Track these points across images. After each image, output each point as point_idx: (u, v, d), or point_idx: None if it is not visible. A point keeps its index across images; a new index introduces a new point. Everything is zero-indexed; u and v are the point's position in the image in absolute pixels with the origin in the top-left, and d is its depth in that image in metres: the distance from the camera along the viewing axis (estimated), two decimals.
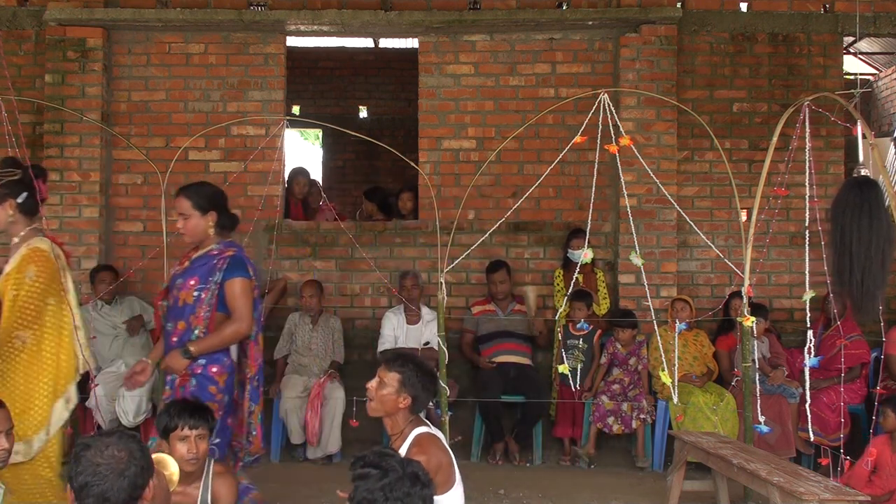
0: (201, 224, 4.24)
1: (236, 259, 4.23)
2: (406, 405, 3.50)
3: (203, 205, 4.25)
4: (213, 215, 4.26)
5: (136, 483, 2.35)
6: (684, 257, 7.14)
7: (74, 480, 2.33)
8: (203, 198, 4.27)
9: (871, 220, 4.19)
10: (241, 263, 4.23)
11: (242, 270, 4.22)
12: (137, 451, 2.39)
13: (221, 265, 4.18)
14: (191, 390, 4.10)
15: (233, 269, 4.18)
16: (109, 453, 2.34)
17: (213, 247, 4.27)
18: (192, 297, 4.16)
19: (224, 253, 4.24)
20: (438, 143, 7.28)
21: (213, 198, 4.31)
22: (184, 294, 4.17)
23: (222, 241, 4.32)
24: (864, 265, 4.18)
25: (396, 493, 2.50)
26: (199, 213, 4.24)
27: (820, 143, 7.07)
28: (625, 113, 6.86)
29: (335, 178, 11.37)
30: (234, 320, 4.17)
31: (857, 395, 6.33)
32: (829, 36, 7.25)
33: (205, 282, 4.16)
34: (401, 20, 7.03)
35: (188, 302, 4.16)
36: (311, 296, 6.74)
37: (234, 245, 4.33)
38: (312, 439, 6.33)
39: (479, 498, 5.57)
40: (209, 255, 4.24)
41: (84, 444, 2.38)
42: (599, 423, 6.40)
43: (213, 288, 4.16)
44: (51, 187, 6.89)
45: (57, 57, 7.02)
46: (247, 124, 7.15)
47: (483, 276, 7.05)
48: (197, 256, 4.27)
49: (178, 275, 4.27)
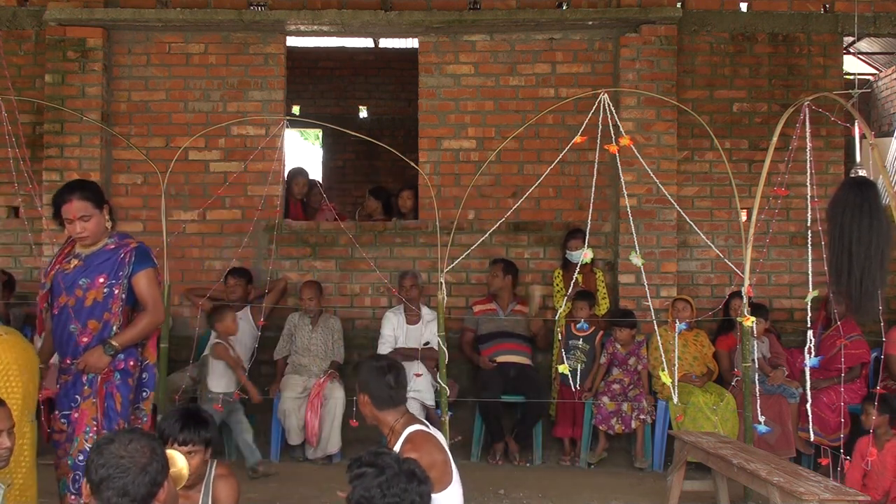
0: (101, 221, 4.18)
1: (141, 250, 4.22)
2: (368, 402, 3.60)
3: (99, 201, 4.18)
4: (106, 209, 4.21)
5: (156, 480, 2.35)
6: (684, 257, 7.14)
7: (94, 473, 2.32)
8: (95, 194, 4.20)
9: (870, 220, 4.20)
10: (146, 254, 4.24)
11: (149, 261, 4.23)
12: (158, 448, 2.41)
13: (129, 258, 4.15)
14: (117, 384, 4.10)
15: (141, 262, 4.18)
16: (133, 448, 2.35)
17: (106, 241, 4.20)
18: (102, 294, 4.12)
19: (126, 245, 4.19)
20: (438, 143, 7.28)
21: (100, 192, 4.26)
22: (93, 293, 4.11)
23: (114, 233, 4.26)
24: (863, 265, 4.18)
25: (393, 489, 2.51)
26: (98, 210, 4.16)
27: (820, 143, 7.07)
28: (625, 113, 6.86)
29: (335, 178, 11.37)
30: (148, 311, 4.19)
31: (857, 395, 6.32)
32: (829, 36, 7.25)
33: (115, 277, 4.13)
34: (401, 20, 7.03)
35: (98, 300, 4.11)
36: (311, 298, 6.73)
37: (127, 236, 4.31)
38: (312, 439, 6.33)
39: (479, 498, 5.57)
40: (106, 249, 4.18)
41: (108, 438, 2.39)
42: (602, 424, 6.40)
43: (123, 282, 4.14)
44: (51, 187, 6.95)
45: (57, 57, 7.02)
46: (247, 124, 7.15)
47: (483, 275, 7.07)
48: (91, 253, 4.19)
49: (70, 274, 4.16)
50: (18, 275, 7.01)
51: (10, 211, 7.20)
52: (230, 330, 6.25)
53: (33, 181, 6.05)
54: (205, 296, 6.58)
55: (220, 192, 6.83)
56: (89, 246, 4.20)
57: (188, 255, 7.17)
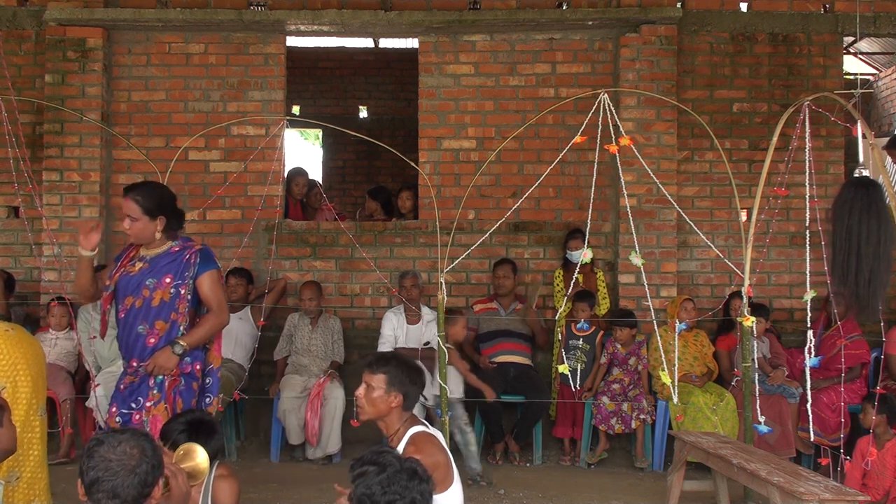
0: (149, 228, 4.18)
1: (206, 252, 4.27)
2: (398, 403, 3.50)
3: (151, 209, 4.17)
4: (161, 220, 4.19)
5: (146, 481, 2.37)
6: (684, 257, 7.14)
7: (86, 475, 2.35)
8: (151, 202, 4.18)
9: (879, 221, 4.21)
10: (210, 256, 4.28)
11: (213, 263, 4.28)
12: (150, 449, 2.42)
13: (194, 259, 4.20)
14: (181, 390, 4.13)
15: (206, 263, 4.23)
16: (122, 450, 2.37)
17: (171, 244, 4.25)
18: (169, 294, 4.15)
19: (191, 248, 4.24)
20: (438, 143, 7.28)
21: (162, 202, 4.23)
22: (160, 293, 4.14)
23: (179, 237, 4.30)
24: (872, 265, 4.19)
25: (394, 486, 2.52)
26: (147, 217, 4.17)
27: (820, 143, 7.07)
28: (625, 113, 6.86)
29: (335, 178, 11.38)
30: (214, 312, 4.22)
31: (857, 395, 6.32)
32: (829, 36, 7.25)
33: (180, 277, 4.17)
34: (401, 20, 7.04)
35: (165, 300, 4.14)
36: (310, 299, 6.73)
37: (190, 239, 4.35)
38: (312, 439, 6.33)
39: (480, 498, 5.57)
40: (171, 252, 4.22)
41: (97, 440, 2.40)
42: (602, 424, 6.41)
43: (189, 283, 4.18)
44: (51, 187, 6.96)
45: (57, 57, 7.02)
46: (247, 124, 7.15)
47: (483, 275, 7.06)
48: (156, 255, 4.22)
49: (135, 276, 4.18)
50: (18, 275, 7.00)
51: (10, 211, 7.20)
52: (457, 336, 6.21)
53: (33, 181, 6.05)
54: None
55: (220, 192, 6.83)
56: (153, 248, 4.23)
57: None
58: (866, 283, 4.21)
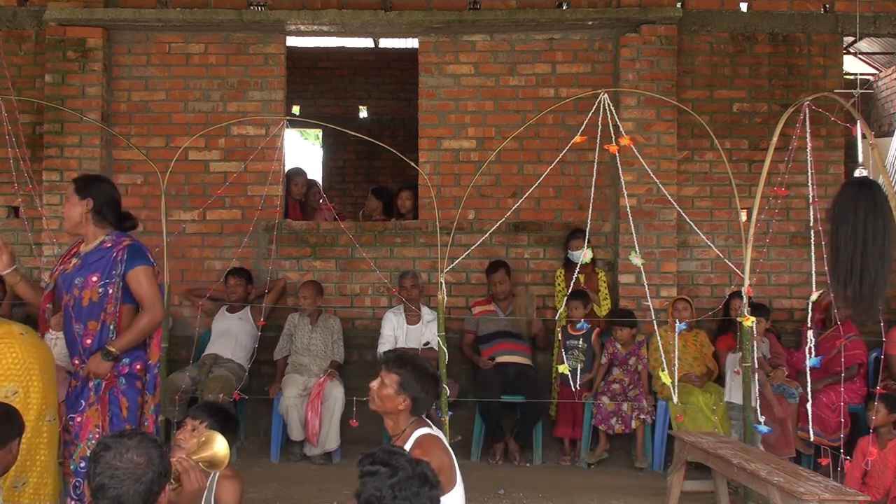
0: (77, 209, 4.08)
1: (134, 248, 4.09)
2: (406, 407, 3.48)
3: (81, 189, 4.09)
4: (89, 202, 4.06)
5: (151, 489, 2.38)
6: (684, 257, 7.14)
7: (92, 480, 2.36)
8: (84, 183, 4.12)
9: (883, 221, 4.21)
10: (140, 251, 4.10)
11: (143, 258, 4.08)
12: (156, 456, 2.41)
13: (121, 256, 4.04)
14: (122, 389, 4.05)
15: (133, 259, 4.05)
16: (129, 458, 2.37)
17: (103, 239, 4.11)
18: (97, 293, 4.01)
19: (120, 243, 4.08)
20: (438, 143, 7.28)
21: (98, 188, 4.13)
22: (87, 292, 4.02)
23: (114, 232, 4.14)
24: (877, 265, 4.19)
25: (405, 492, 2.49)
26: (77, 196, 4.07)
27: (820, 143, 7.06)
28: (625, 113, 6.86)
29: (335, 178, 11.37)
30: (146, 311, 4.07)
31: (857, 395, 6.32)
32: (829, 36, 7.25)
33: (107, 276, 4.02)
34: (401, 20, 7.03)
35: (94, 299, 4.01)
36: (305, 297, 6.73)
37: (126, 235, 4.17)
38: (313, 438, 6.33)
39: (479, 498, 5.57)
40: (102, 247, 4.08)
41: (104, 445, 2.40)
42: (602, 424, 6.40)
43: (117, 281, 4.03)
44: (51, 187, 6.96)
45: (57, 57, 7.02)
46: (247, 124, 7.15)
47: (483, 275, 7.05)
48: (88, 251, 4.10)
49: (69, 273, 4.09)
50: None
51: (10, 211, 7.20)
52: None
53: (33, 181, 6.05)
54: (205, 296, 6.59)
55: (220, 192, 6.83)
56: (89, 245, 4.12)
57: (188, 255, 7.16)
58: (871, 283, 4.20)
